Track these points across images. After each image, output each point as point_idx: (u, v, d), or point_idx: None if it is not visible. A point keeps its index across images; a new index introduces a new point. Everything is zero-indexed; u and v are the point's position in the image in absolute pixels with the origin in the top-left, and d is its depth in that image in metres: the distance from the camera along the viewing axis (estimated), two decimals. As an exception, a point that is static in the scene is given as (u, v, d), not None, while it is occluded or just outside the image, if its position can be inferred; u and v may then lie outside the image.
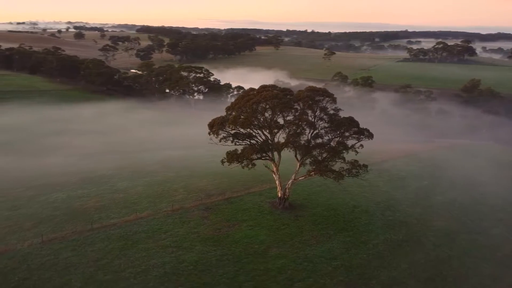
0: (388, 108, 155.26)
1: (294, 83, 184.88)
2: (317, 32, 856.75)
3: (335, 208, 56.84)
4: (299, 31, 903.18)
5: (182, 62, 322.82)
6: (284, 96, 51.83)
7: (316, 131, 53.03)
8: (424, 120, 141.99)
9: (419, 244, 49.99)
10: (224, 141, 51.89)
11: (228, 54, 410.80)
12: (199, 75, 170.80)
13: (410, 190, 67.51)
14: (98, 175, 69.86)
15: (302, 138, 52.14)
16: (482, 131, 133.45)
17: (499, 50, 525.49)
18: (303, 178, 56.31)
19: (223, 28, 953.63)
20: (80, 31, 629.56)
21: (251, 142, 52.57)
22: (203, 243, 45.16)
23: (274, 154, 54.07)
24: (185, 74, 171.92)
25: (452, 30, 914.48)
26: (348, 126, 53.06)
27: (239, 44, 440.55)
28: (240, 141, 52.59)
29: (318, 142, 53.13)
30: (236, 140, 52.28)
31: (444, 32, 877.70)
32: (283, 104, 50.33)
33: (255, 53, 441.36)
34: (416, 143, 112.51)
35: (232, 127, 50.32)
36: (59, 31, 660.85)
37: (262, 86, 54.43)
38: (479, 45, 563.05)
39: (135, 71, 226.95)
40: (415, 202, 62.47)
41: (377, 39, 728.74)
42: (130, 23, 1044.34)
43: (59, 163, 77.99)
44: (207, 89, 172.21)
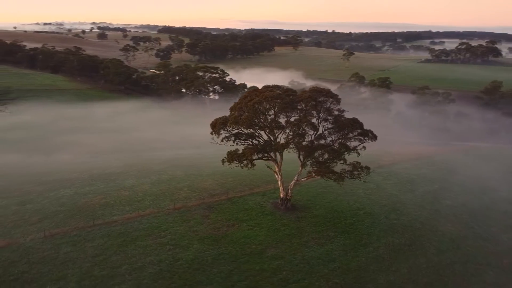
0: (405, 110, 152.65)
1: (309, 83, 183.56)
2: (338, 32, 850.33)
3: (338, 210, 56.21)
4: (320, 31, 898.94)
5: (201, 62, 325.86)
6: (287, 96, 51.67)
7: (320, 132, 52.63)
8: (442, 123, 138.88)
9: (421, 248, 48.93)
10: (226, 141, 52.02)
11: (247, 55, 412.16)
12: (215, 75, 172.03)
13: (418, 194, 66.17)
14: (107, 172, 71.19)
15: (305, 139, 51.79)
16: (501, 134, 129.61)
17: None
18: (305, 179, 55.92)
19: (244, 28, 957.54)
20: (103, 32, 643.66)
21: (253, 142, 52.54)
22: (201, 242, 45.40)
23: (276, 155, 53.90)
24: (200, 74, 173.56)
25: (478, 31, 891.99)
26: (352, 127, 52.37)
27: (258, 44, 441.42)
28: (242, 141, 52.63)
29: (321, 143, 52.67)
30: (238, 140, 52.35)
31: (469, 32, 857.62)
32: (285, 104, 50.15)
33: (274, 53, 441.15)
34: (431, 145, 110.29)
35: (233, 127, 50.39)
36: (83, 32, 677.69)
37: (265, 86, 54.35)
38: (505, 46, 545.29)
39: (153, 71, 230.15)
40: (422, 205, 61.17)
41: (399, 40, 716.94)
42: (153, 24, 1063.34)
43: (71, 160, 79.86)
44: (222, 89, 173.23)
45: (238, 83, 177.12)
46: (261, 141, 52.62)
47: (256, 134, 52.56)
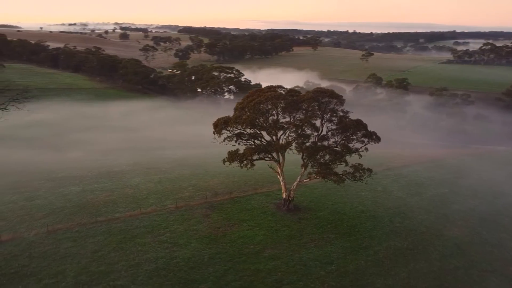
0: (421, 112, 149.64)
1: (324, 84, 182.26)
2: (358, 32, 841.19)
3: (342, 212, 55.61)
4: (340, 31, 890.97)
5: (219, 62, 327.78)
6: (289, 97, 51.47)
7: (323, 133, 52.20)
8: (459, 125, 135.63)
9: (424, 253, 47.88)
10: (228, 140, 52.19)
11: (265, 55, 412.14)
12: (230, 75, 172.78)
13: (426, 197, 64.78)
14: (115, 170, 72.44)
15: (307, 140, 51.44)
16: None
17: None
18: (308, 181, 55.51)
19: (264, 28, 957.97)
20: (125, 32, 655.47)
21: (255, 142, 52.53)
22: (199, 241, 45.67)
23: (278, 155, 53.71)
24: (216, 74, 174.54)
25: (504, 31, 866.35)
26: (355, 129, 51.77)
27: (276, 44, 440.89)
28: (244, 141, 52.69)
29: (324, 144, 52.21)
30: (240, 140, 52.43)
31: (495, 32, 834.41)
32: (287, 105, 49.96)
33: (292, 53, 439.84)
34: (445, 148, 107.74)
35: (234, 127, 50.52)
36: (106, 32, 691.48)
37: (268, 86, 54.27)
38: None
39: (170, 71, 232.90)
40: (429, 209, 59.85)
41: (421, 40, 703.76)
42: (174, 24, 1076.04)
43: (82, 157, 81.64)
44: (237, 89, 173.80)
45: (253, 83, 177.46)
46: (263, 141, 52.58)
47: (258, 134, 52.56)
